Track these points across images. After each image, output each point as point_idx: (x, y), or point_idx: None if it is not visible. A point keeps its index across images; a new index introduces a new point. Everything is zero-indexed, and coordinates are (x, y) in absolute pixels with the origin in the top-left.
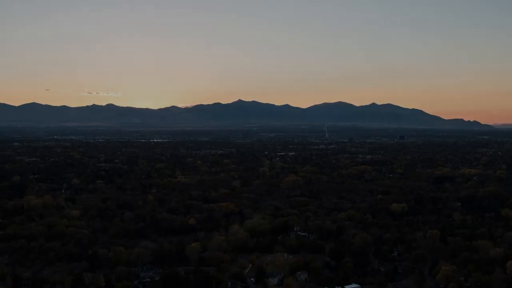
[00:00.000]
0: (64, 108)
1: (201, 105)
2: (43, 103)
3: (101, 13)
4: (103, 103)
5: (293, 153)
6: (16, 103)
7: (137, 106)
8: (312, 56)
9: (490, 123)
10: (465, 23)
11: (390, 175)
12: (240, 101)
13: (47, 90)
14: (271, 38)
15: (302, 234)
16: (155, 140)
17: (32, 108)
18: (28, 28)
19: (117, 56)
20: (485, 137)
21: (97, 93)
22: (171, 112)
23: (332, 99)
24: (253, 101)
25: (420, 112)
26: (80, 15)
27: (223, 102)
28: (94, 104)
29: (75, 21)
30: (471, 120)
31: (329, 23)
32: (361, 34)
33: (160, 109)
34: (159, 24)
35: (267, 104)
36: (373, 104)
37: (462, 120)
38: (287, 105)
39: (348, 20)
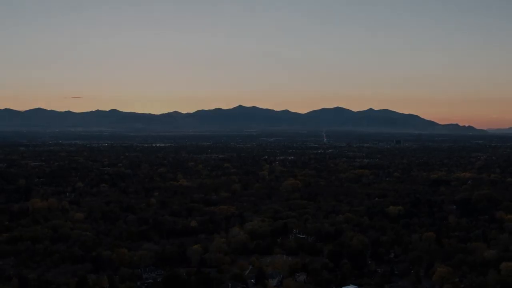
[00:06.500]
0: (68, 113)
1: (203, 110)
2: (48, 108)
3: (103, 18)
4: (107, 108)
5: (292, 157)
6: (22, 108)
7: (140, 112)
8: (311, 62)
9: (485, 128)
10: (461, 29)
11: (387, 179)
12: (240, 106)
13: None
14: (271, 44)
15: (301, 236)
16: (157, 145)
17: (37, 113)
18: (32, 34)
19: (120, 62)
20: (480, 141)
21: (100, 98)
22: (173, 117)
23: (330, 104)
24: (253, 107)
25: (416, 117)
26: (82, 19)
27: (224, 108)
28: (98, 110)
29: (77, 25)
30: (466, 125)
31: (327, 29)
32: (359, 40)
33: (162, 115)
34: (160, 29)
35: (267, 110)
36: (370, 110)
37: (457, 125)
38: (286, 111)
39: (346, 26)
